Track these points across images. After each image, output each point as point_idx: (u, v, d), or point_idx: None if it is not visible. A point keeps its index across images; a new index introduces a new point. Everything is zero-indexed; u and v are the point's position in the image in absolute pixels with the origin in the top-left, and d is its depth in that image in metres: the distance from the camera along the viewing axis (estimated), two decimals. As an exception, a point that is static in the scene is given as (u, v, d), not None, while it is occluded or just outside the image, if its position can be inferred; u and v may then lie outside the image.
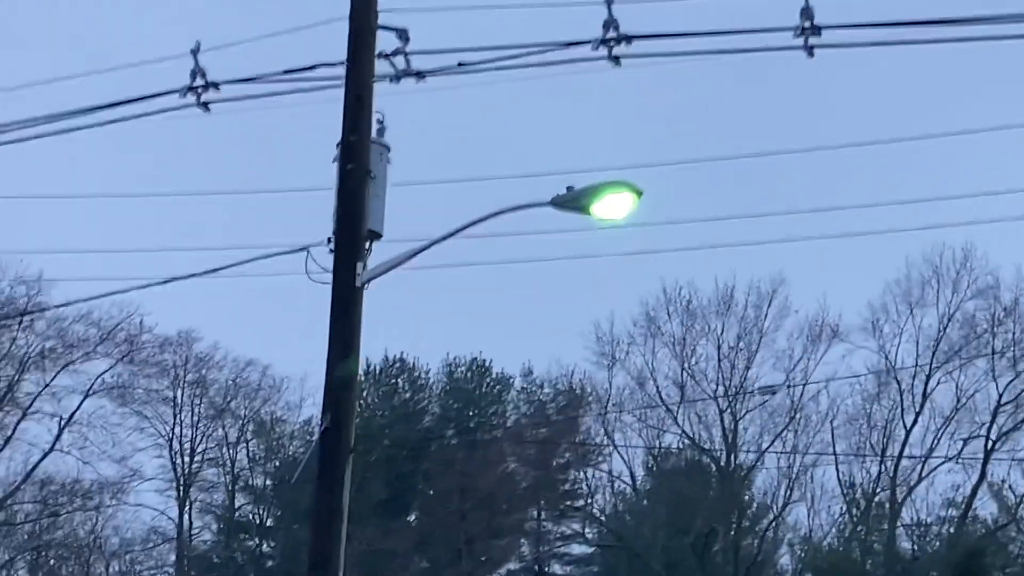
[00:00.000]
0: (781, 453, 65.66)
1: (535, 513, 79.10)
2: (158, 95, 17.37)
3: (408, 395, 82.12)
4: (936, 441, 63.43)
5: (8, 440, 63.93)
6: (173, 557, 76.48)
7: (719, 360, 66.12)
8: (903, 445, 63.71)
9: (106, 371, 65.36)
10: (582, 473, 75.90)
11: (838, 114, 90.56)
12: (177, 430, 74.37)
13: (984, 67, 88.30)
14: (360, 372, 16.19)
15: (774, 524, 67.27)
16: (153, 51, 19.10)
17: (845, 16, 15.60)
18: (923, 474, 63.62)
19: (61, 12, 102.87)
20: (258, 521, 77.40)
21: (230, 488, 77.02)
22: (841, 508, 65.89)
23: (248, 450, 77.42)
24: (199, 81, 17.33)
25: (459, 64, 16.70)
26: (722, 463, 66.44)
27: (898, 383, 64.20)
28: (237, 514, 77.68)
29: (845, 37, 15.80)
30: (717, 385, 66.11)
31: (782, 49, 15.84)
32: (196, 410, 75.37)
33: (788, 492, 66.21)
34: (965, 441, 63.08)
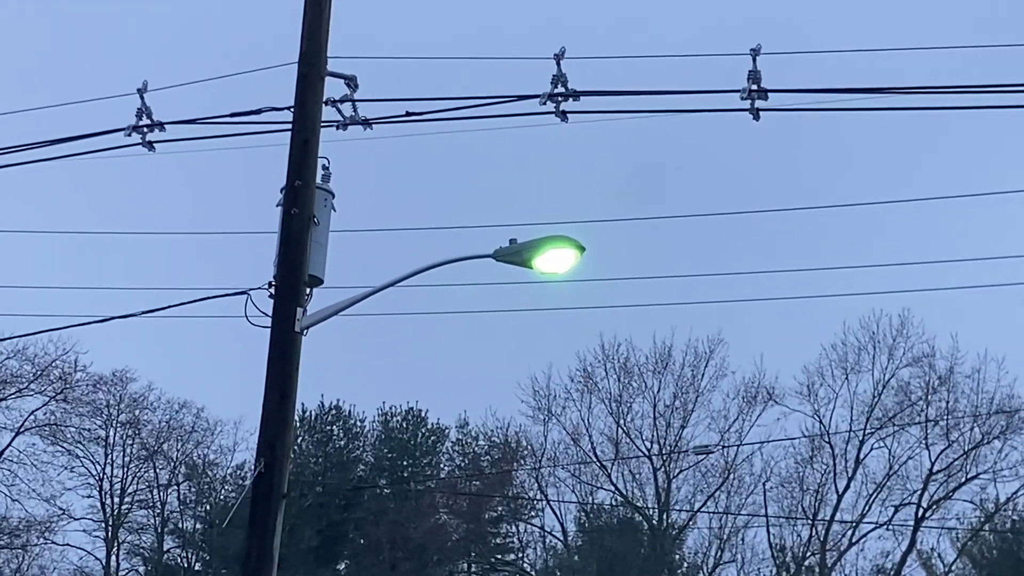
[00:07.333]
0: (713, 513, 65.80)
1: (465, 566, 78.72)
2: (103, 133, 17.31)
3: (343, 443, 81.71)
4: (867, 507, 63.72)
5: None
6: (99, 599, 75.78)
7: (655, 418, 66.22)
8: (834, 510, 63.94)
9: (38, 408, 64.84)
10: (514, 527, 75.63)
11: (783, 176, 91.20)
12: (108, 470, 73.75)
13: (929, 136, 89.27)
14: (295, 418, 16.09)
15: (704, 585, 67.29)
16: (99, 90, 19.05)
17: (792, 80, 15.75)
18: (853, 539, 63.84)
19: (8, 45, 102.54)
20: (186, 565, 76.70)
21: (159, 531, 76.33)
22: (771, 571, 65.96)
23: (179, 493, 76.81)
24: (145, 120, 17.31)
25: (407, 113, 16.76)
26: (654, 521, 66.41)
27: (831, 448, 64.45)
28: (166, 557, 76.98)
29: (792, 101, 15.95)
30: (652, 443, 66.19)
31: (729, 111, 15.97)
32: (128, 451, 74.74)
33: (719, 553, 66.27)
34: (896, 508, 63.39)
